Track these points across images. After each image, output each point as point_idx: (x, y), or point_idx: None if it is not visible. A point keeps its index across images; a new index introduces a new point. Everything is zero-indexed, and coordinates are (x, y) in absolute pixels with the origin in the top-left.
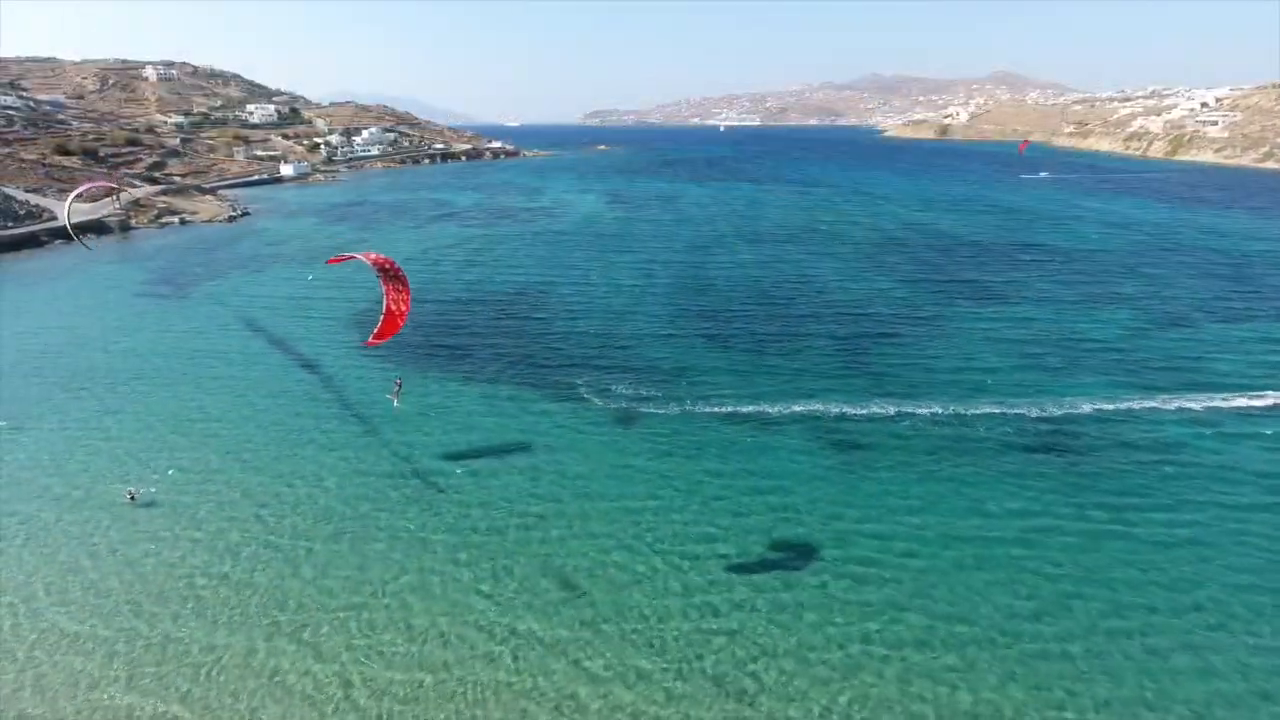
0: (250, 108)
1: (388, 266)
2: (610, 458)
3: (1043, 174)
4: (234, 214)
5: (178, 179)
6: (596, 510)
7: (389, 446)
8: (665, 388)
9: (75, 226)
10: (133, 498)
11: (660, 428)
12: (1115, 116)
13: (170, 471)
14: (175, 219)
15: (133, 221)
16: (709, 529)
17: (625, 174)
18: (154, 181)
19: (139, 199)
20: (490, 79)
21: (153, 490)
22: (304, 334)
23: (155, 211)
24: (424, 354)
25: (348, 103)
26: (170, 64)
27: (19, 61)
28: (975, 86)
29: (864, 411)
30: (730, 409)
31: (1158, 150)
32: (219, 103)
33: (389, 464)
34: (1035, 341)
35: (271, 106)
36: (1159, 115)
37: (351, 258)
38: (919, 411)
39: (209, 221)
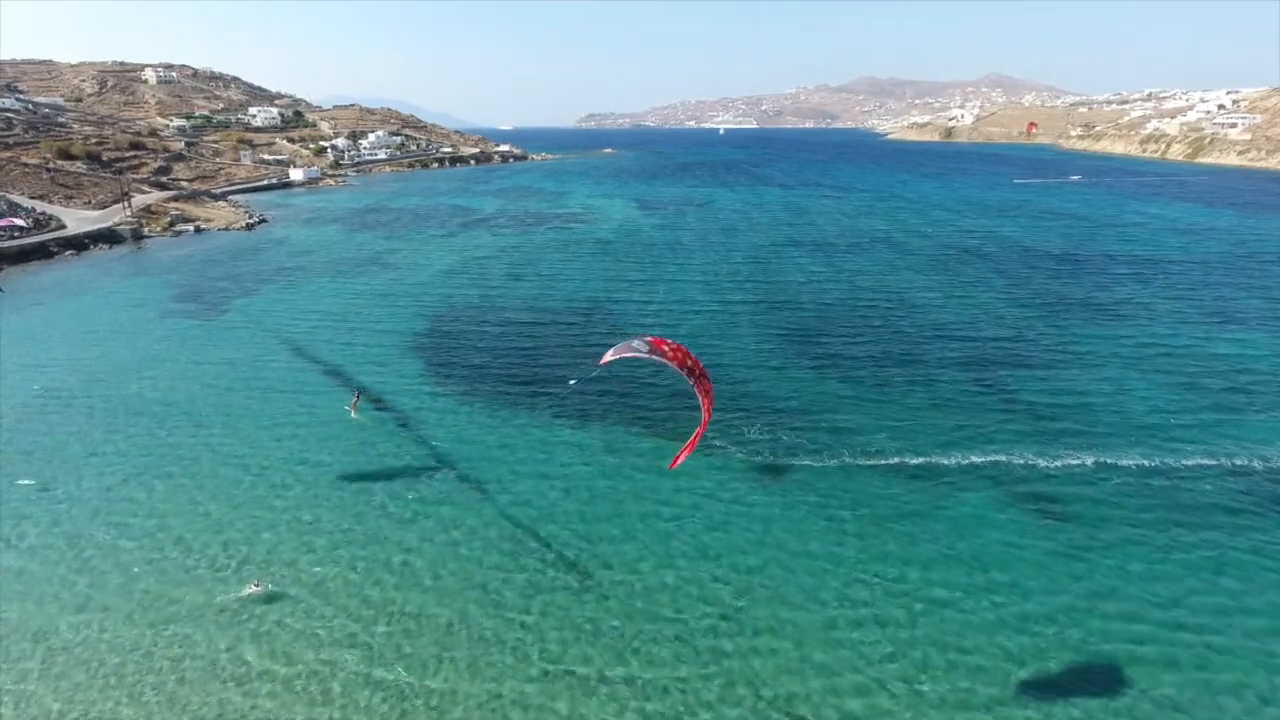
0: (253, 110)
1: (690, 363)
2: (778, 537)
3: (1074, 177)
4: (251, 221)
5: (185, 184)
6: (793, 624)
7: (496, 512)
8: (803, 432)
9: (85, 235)
10: (258, 588)
11: (819, 489)
12: (1126, 119)
13: (257, 577)
14: (190, 227)
15: (145, 229)
16: (950, 652)
17: (642, 178)
18: (162, 187)
19: (150, 205)
20: (480, 82)
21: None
22: (358, 361)
23: (168, 219)
24: (500, 388)
25: (352, 105)
26: (170, 66)
27: (14, 63)
28: (970, 89)
29: (1054, 464)
30: (894, 459)
31: (1177, 153)
32: (220, 105)
33: (505, 546)
34: (1192, 370)
35: (274, 109)
36: (1173, 117)
37: (630, 352)
38: (1121, 463)
39: (225, 229)
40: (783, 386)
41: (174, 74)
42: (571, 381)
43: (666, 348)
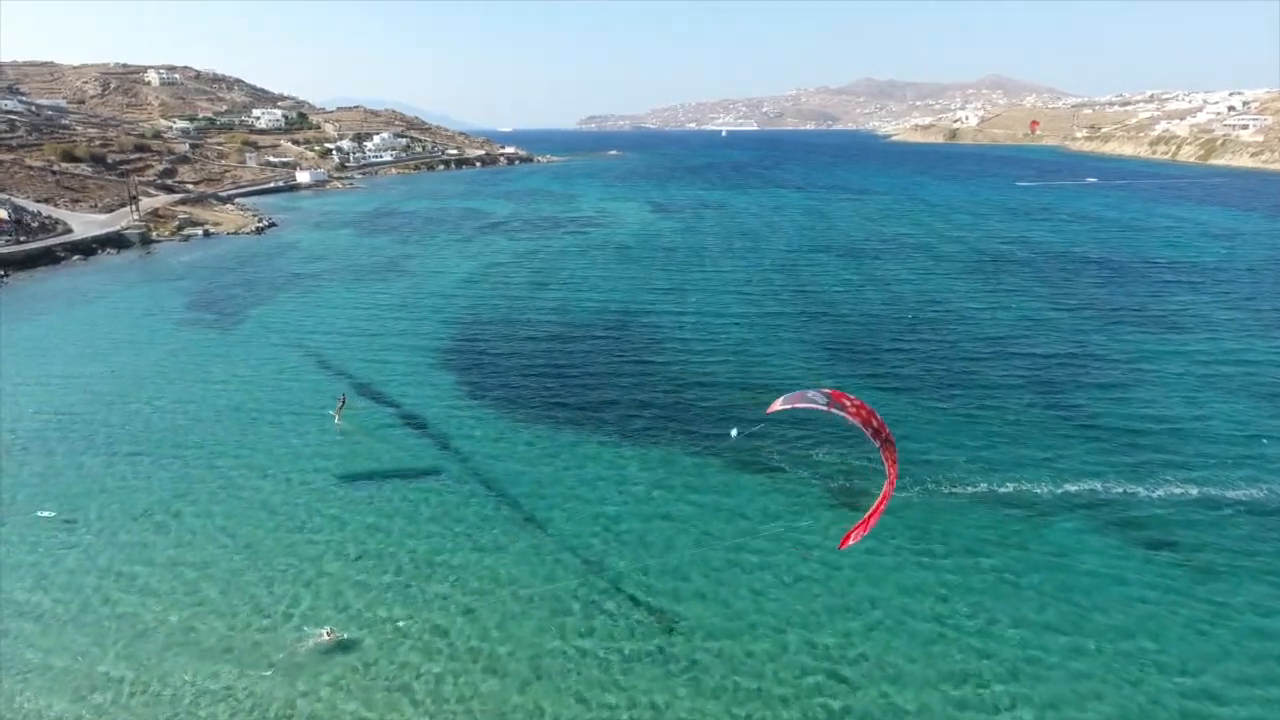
0: (256, 112)
1: (875, 423)
2: (873, 579)
3: (1090, 179)
4: (261, 225)
5: (191, 186)
6: (908, 678)
7: (556, 553)
8: (873, 455)
9: (92, 240)
10: (330, 637)
11: (906, 522)
12: (1134, 121)
13: (312, 630)
14: (199, 231)
15: (154, 234)
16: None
17: (653, 181)
18: (168, 189)
19: (158, 209)
20: (478, 84)
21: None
22: (386, 377)
23: (176, 222)
24: (540, 408)
25: (356, 107)
26: (172, 68)
27: (15, 65)
28: (970, 91)
29: (1154, 493)
30: (979, 487)
31: (1188, 155)
32: (224, 107)
33: (572, 596)
34: (1275, 386)
35: (278, 111)
36: (1182, 119)
37: (806, 403)
38: (1227, 495)
39: (235, 233)
40: None
41: (176, 75)
42: (732, 433)
43: (849, 403)
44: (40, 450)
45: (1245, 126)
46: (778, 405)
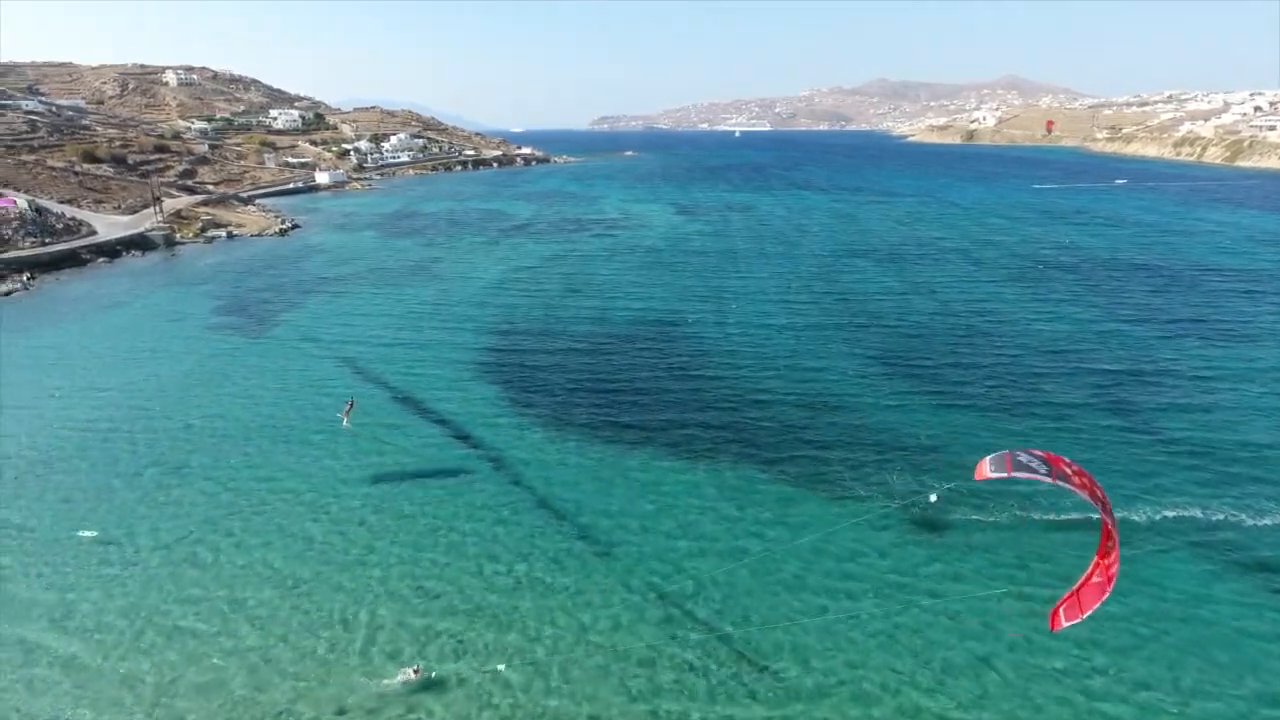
0: (273, 113)
1: (1099, 492)
2: (988, 639)
3: (1119, 181)
4: (284, 226)
5: (211, 187)
6: None
7: (621, 579)
8: (949, 477)
9: (117, 242)
10: (417, 675)
11: (999, 555)
12: (1156, 121)
13: (412, 670)
14: (222, 232)
15: (178, 235)
16: None
17: (672, 182)
18: (189, 190)
19: (180, 210)
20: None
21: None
22: (427, 387)
23: (200, 224)
24: (591, 423)
25: (373, 108)
26: (190, 68)
27: (35, 66)
28: (986, 91)
29: (1262, 521)
30: (1070, 514)
31: (1214, 156)
32: (241, 108)
33: (645, 625)
34: None
35: (295, 111)
36: (1206, 120)
37: (1024, 472)
38: None
39: (258, 235)
40: (905, 420)
41: (194, 76)
42: (932, 497)
43: (1068, 468)
44: (81, 463)
45: (1273, 127)
46: (987, 471)
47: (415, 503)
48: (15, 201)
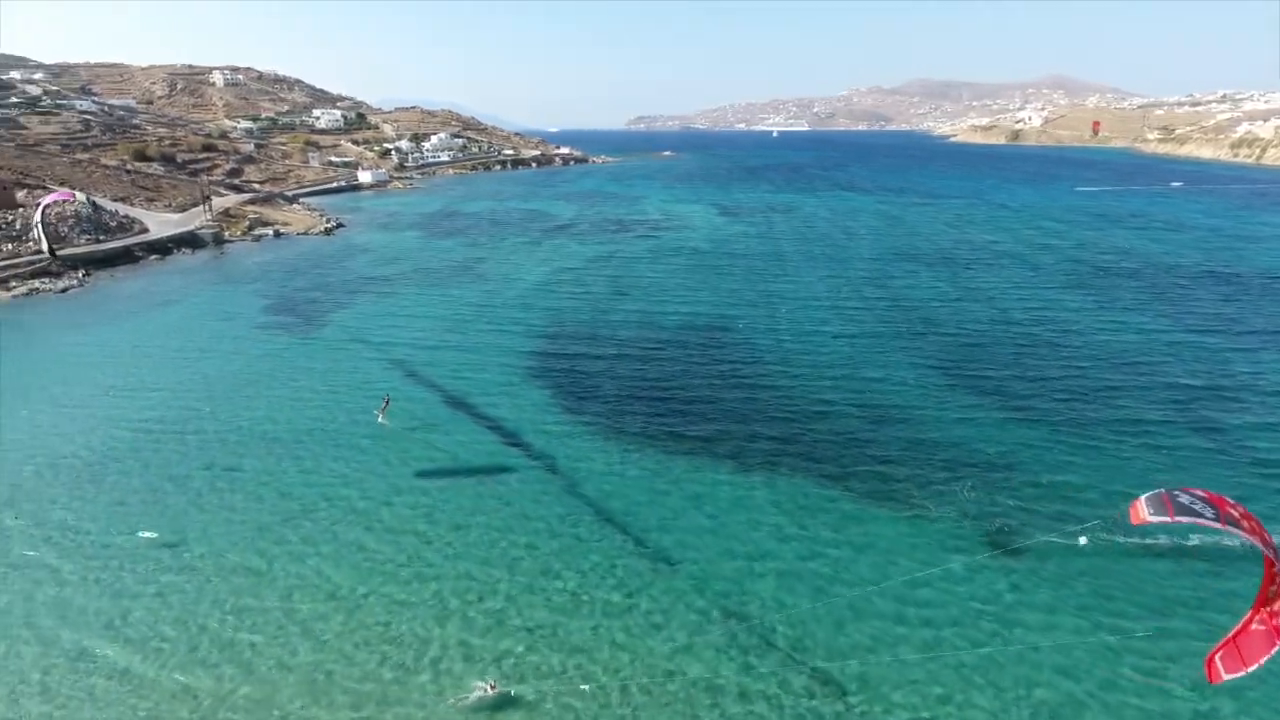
0: (316, 113)
1: (1268, 537)
2: (1071, 672)
3: (1175, 184)
4: (329, 225)
5: (256, 186)
6: None
7: (688, 595)
8: (1023, 494)
9: (168, 239)
10: (493, 690)
11: (1084, 584)
12: (1212, 122)
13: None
14: (269, 231)
15: (225, 234)
16: None
17: (712, 182)
18: (236, 189)
19: (229, 208)
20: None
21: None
22: (479, 391)
23: (247, 222)
24: (648, 431)
25: (413, 107)
26: (235, 68)
27: (88, 66)
28: (1030, 90)
29: None
30: (1161, 538)
31: (1275, 158)
32: (285, 108)
33: (721, 652)
34: None
35: (337, 111)
36: (1265, 120)
37: (1189, 516)
38: None
39: (304, 234)
40: (973, 435)
41: (240, 76)
42: (1082, 540)
43: (1234, 510)
44: (134, 464)
45: None
46: (1144, 514)
47: (468, 512)
48: (74, 194)
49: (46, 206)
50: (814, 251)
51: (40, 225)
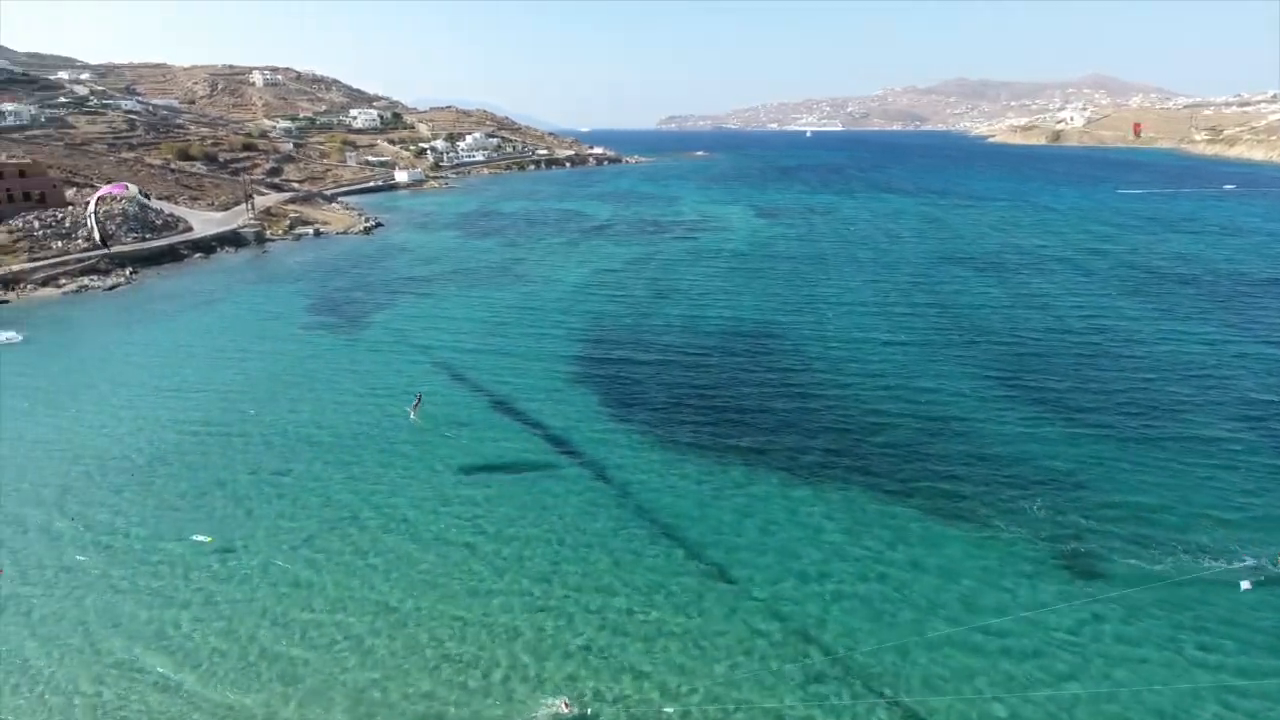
0: (353, 112)
1: None
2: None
3: (1227, 187)
4: (368, 225)
5: (295, 185)
6: None
7: (755, 619)
8: (1098, 515)
9: (212, 238)
10: (568, 709)
11: (1177, 617)
12: (1263, 123)
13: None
14: (309, 230)
15: (267, 232)
16: None
17: (747, 183)
18: (276, 188)
19: (270, 207)
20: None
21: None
22: (524, 394)
23: (288, 221)
24: (702, 437)
25: (448, 107)
26: (274, 69)
27: (132, 66)
28: (1071, 90)
29: None
30: (1248, 560)
31: None
32: (323, 107)
33: (789, 676)
34: None
35: (373, 111)
36: None
37: None
38: None
39: (344, 233)
40: (1036, 447)
41: (278, 76)
42: (1244, 585)
43: None
44: (181, 466)
45: None
46: None
47: (517, 523)
48: (127, 187)
49: (101, 198)
50: (857, 255)
51: (94, 216)
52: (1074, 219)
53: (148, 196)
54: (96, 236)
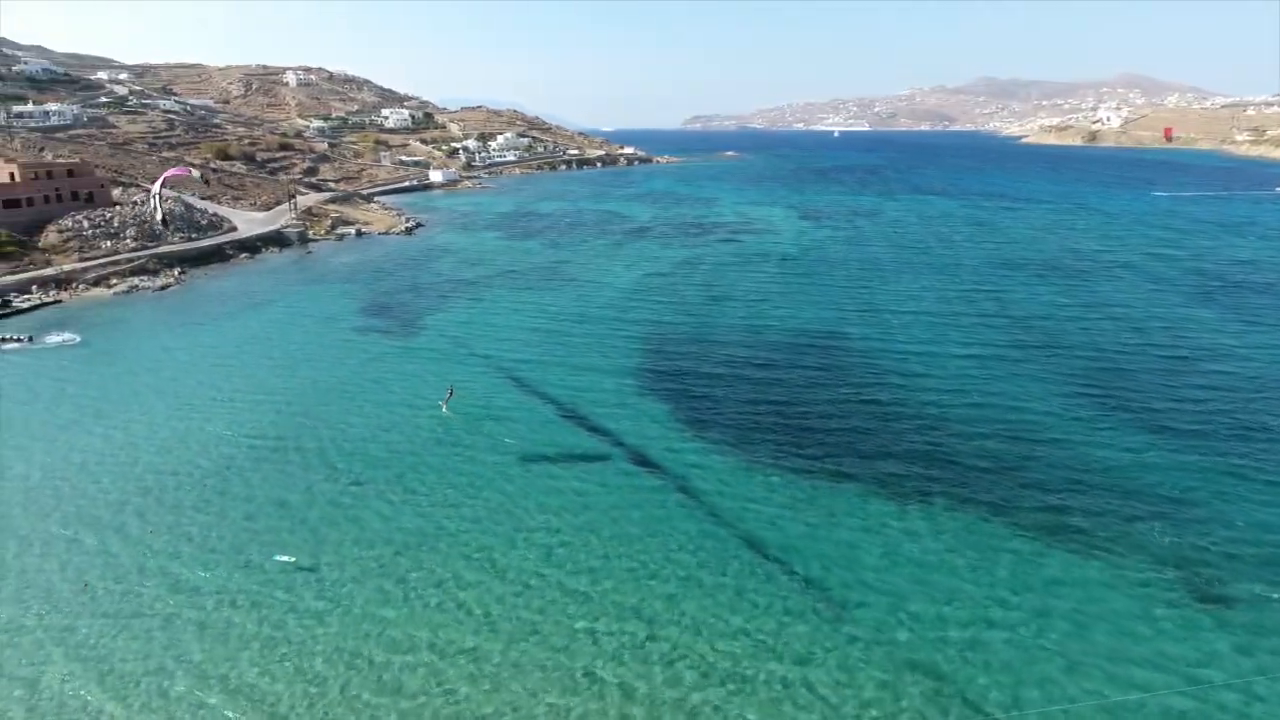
0: (385, 112)
1: None
2: None
3: (1279, 189)
4: (409, 225)
5: (332, 184)
6: None
7: (870, 655)
8: (1221, 542)
9: (256, 238)
10: None
11: None
12: None
13: None
14: (351, 230)
15: (310, 233)
16: None
17: (783, 184)
18: (315, 188)
19: (310, 207)
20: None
21: None
22: (593, 404)
23: (330, 221)
24: (784, 454)
25: (479, 107)
26: (308, 69)
27: (168, 67)
28: (1105, 89)
29: None
30: None
31: None
32: (355, 107)
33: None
34: None
35: (405, 111)
36: None
37: None
38: None
39: (385, 233)
40: (1138, 467)
41: (311, 76)
42: None
43: None
44: (255, 476)
45: None
46: None
47: (605, 541)
48: (190, 170)
49: (167, 179)
50: (912, 259)
51: (158, 196)
52: (1128, 222)
53: (206, 181)
54: (159, 216)
